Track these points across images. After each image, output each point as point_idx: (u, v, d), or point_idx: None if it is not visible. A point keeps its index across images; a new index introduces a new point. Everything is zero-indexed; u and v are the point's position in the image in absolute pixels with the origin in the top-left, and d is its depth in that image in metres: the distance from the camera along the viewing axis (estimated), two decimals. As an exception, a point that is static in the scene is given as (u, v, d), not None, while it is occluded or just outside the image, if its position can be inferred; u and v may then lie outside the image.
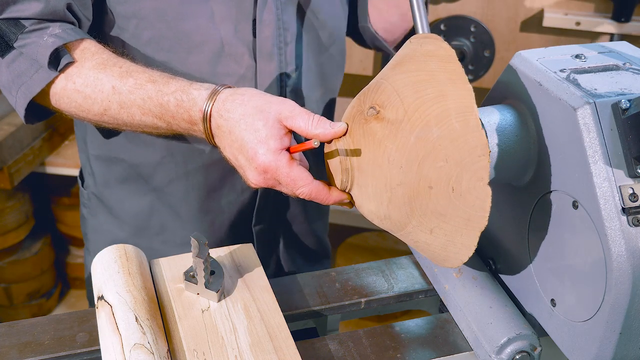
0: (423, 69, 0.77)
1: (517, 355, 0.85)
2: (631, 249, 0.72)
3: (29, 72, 0.92)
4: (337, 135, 0.82)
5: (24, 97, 0.94)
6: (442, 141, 0.73)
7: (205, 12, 1.00)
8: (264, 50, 1.05)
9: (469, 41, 1.99)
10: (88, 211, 1.23)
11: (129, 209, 1.16)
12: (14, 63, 0.93)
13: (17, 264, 2.32)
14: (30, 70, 0.92)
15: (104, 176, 1.17)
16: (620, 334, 0.75)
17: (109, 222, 1.19)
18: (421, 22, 0.93)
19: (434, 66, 0.76)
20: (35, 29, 0.92)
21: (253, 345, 0.82)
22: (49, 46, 0.91)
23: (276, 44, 1.06)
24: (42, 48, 0.91)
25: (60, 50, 0.92)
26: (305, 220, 1.27)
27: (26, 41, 0.92)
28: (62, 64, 0.92)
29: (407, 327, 0.92)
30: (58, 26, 0.93)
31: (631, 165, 0.73)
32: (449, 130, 0.73)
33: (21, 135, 2.10)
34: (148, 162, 1.11)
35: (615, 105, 0.74)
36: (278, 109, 0.84)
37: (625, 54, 0.86)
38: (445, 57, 0.76)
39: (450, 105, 0.73)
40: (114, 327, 0.81)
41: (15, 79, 0.93)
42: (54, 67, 0.92)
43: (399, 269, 1.02)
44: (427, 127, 0.74)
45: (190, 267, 0.90)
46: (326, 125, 0.82)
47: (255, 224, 1.19)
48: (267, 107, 0.84)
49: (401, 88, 0.77)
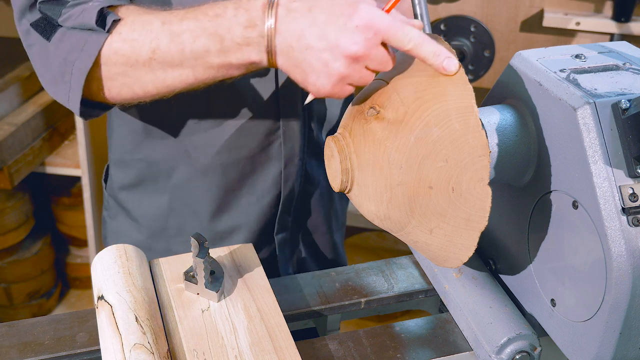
0: (423, 69, 0.77)
1: (517, 355, 0.85)
2: (631, 249, 0.72)
3: (80, 44, 0.88)
4: None
5: (80, 75, 0.89)
6: (442, 141, 0.73)
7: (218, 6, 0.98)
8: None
9: (469, 41, 1.99)
10: (108, 214, 1.23)
11: (147, 210, 1.16)
12: (62, 41, 0.89)
13: (17, 264, 2.32)
14: (80, 42, 0.88)
15: (121, 180, 1.16)
16: (620, 334, 0.75)
17: (128, 224, 1.19)
18: (422, 21, 0.93)
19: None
20: (78, 2, 0.89)
21: (253, 345, 0.82)
22: (94, 8, 0.87)
23: None
24: (87, 12, 0.87)
25: (106, 12, 0.88)
26: (327, 231, 1.25)
27: (70, 13, 0.88)
28: (108, 23, 0.87)
29: (407, 327, 0.92)
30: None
31: (631, 165, 0.73)
32: (449, 130, 0.73)
33: (21, 135, 2.10)
34: (166, 158, 1.11)
35: (615, 105, 0.74)
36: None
37: (625, 54, 0.86)
38: None
39: (451, 105, 0.73)
40: (114, 327, 0.81)
41: (66, 58, 0.89)
42: (102, 28, 0.87)
43: (399, 269, 1.02)
44: (427, 127, 0.74)
45: (190, 267, 0.90)
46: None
47: (278, 232, 1.18)
48: None
49: (401, 88, 0.77)
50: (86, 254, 2.50)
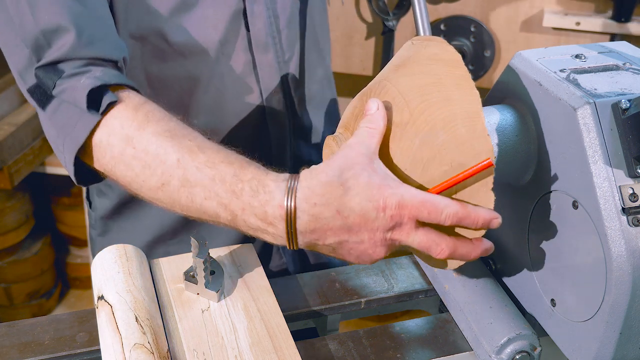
0: (428, 72, 0.76)
1: (517, 355, 0.85)
2: (631, 249, 0.72)
3: (72, 121, 0.81)
4: None
5: (70, 151, 0.82)
6: (448, 145, 0.73)
7: (196, 18, 0.99)
8: (259, 42, 1.04)
9: (469, 41, 1.99)
10: (97, 232, 1.21)
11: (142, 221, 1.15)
12: (56, 114, 0.83)
13: (17, 264, 2.32)
14: (72, 120, 0.81)
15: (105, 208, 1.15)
16: (620, 334, 0.75)
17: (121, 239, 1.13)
18: (422, 22, 0.92)
19: (440, 70, 0.75)
20: (75, 73, 0.82)
21: (253, 345, 0.82)
22: (85, 87, 0.80)
23: (270, 33, 1.05)
24: (78, 92, 0.80)
25: (104, 91, 0.81)
26: None
27: (64, 86, 0.81)
28: (103, 105, 0.80)
29: (407, 327, 0.92)
30: (101, 70, 0.83)
31: (631, 165, 0.73)
32: (455, 135, 0.72)
33: (21, 135, 2.10)
34: None
35: (615, 105, 0.74)
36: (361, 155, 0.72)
37: (625, 54, 0.86)
38: (451, 61, 0.75)
39: (457, 110, 0.73)
40: (114, 327, 0.81)
41: (59, 132, 0.83)
42: (95, 110, 0.80)
43: (399, 269, 1.02)
44: (432, 131, 0.73)
45: (190, 267, 0.90)
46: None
47: None
48: (349, 158, 0.72)
49: (406, 90, 0.76)
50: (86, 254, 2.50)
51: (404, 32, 2.02)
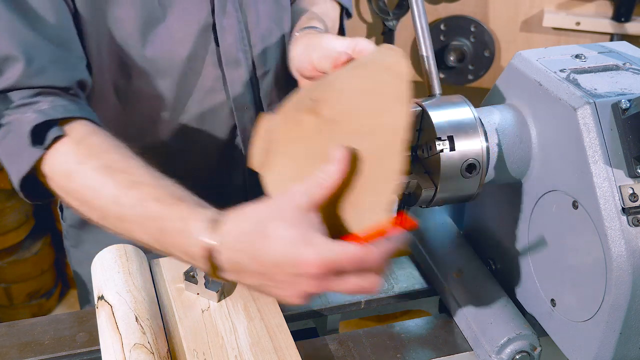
0: (374, 79, 0.76)
1: (517, 355, 0.85)
2: (631, 249, 0.72)
3: (19, 150, 0.84)
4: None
5: (17, 178, 0.85)
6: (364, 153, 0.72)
7: (162, 34, 0.96)
8: (229, 57, 1.02)
9: (469, 41, 1.99)
10: (70, 243, 1.19)
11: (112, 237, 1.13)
12: (4, 140, 0.85)
13: (17, 264, 2.32)
14: (18, 150, 0.84)
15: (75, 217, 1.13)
16: (620, 334, 0.75)
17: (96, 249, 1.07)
18: (421, 22, 0.92)
19: (386, 79, 0.74)
20: (23, 104, 0.84)
21: (253, 345, 0.82)
22: (30, 122, 0.82)
23: (241, 48, 1.02)
24: (23, 125, 0.82)
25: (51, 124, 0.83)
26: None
27: (11, 118, 0.84)
28: (48, 139, 0.82)
29: (407, 327, 0.92)
30: (49, 101, 0.84)
31: (631, 165, 0.73)
32: (374, 145, 0.72)
33: (21, 135, 2.10)
34: None
35: (615, 105, 0.74)
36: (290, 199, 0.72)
37: (625, 54, 0.86)
38: (399, 74, 0.74)
39: (386, 121, 0.72)
40: (114, 327, 0.81)
41: (7, 158, 0.86)
42: (40, 145, 0.83)
43: (399, 269, 1.02)
44: (354, 135, 0.73)
45: (190, 267, 0.90)
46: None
47: None
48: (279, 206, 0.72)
49: (347, 90, 0.77)
50: (86, 254, 2.49)
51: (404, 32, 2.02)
